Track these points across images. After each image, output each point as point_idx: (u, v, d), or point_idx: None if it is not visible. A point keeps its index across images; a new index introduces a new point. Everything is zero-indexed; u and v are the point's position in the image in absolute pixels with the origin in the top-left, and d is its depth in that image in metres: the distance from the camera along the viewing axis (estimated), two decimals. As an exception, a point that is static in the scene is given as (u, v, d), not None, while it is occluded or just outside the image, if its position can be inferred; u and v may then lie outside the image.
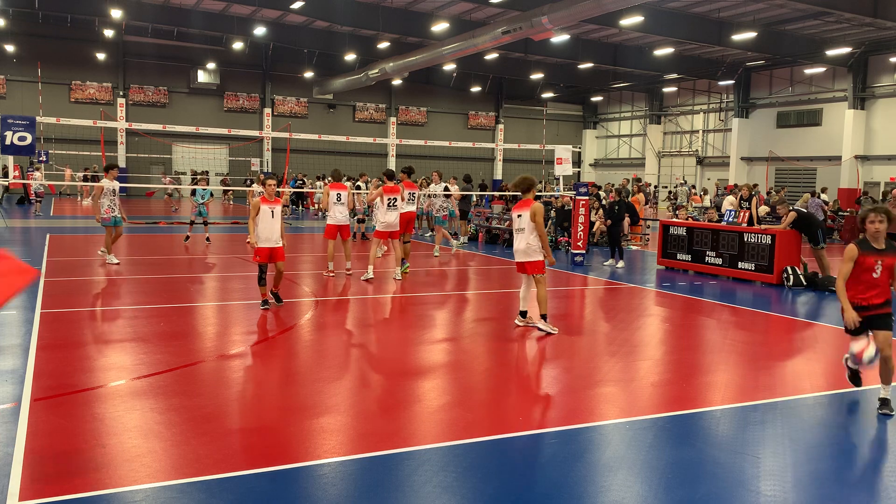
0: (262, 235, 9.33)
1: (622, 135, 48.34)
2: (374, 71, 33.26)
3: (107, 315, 8.76)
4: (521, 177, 8.72)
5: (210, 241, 16.90)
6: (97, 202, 12.85)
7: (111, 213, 12.84)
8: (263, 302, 9.37)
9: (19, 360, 6.56)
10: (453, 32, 28.75)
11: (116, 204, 12.96)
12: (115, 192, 12.99)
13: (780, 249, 12.56)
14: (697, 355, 7.62)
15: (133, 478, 4.14)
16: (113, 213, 12.87)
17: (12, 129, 13.96)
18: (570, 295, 11.87)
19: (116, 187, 13.08)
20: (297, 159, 37.14)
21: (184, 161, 39.25)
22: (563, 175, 19.47)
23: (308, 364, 7.07)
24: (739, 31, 28.15)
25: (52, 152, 31.88)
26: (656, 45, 33.61)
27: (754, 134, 38.68)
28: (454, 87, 44.24)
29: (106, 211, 12.79)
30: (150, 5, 31.04)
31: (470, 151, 41.41)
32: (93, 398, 5.58)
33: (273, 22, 33.21)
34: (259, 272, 9.44)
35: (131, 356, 6.86)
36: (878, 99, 33.00)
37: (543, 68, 39.46)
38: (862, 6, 24.90)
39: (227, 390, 5.96)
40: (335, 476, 4.35)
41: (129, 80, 39.13)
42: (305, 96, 42.81)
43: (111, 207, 12.84)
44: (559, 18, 21.28)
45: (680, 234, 14.34)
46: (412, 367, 6.93)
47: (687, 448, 4.90)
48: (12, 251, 14.65)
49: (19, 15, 33.36)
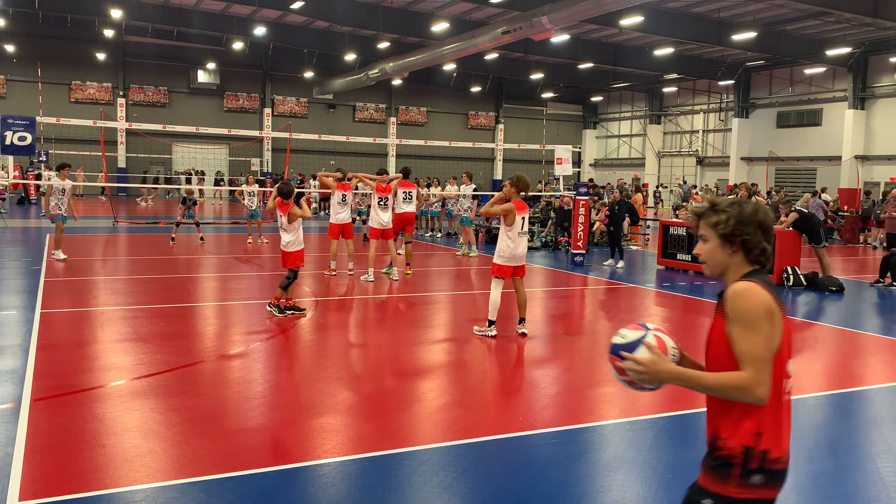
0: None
1: (622, 135, 48.33)
2: (374, 71, 33.25)
3: (107, 315, 8.76)
4: (523, 177, 8.09)
5: (204, 240, 16.91)
6: (48, 200, 13.29)
7: (58, 211, 13.20)
8: (291, 308, 8.94)
9: (19, 360, 6.56)
10: (453, 32, 28.74)
11: (65, 202, 13.31)
12: (63, 192, 13.31)
13: (780, 249, 12.55)
14: (698, 355, 7.60)
15: (133, 478, 4.14)
16: (60, 210, 13.22)
17: (12, 129, 13.94)
18: (570, 295, 11.87)
19: (68, 186, 13.45)
20: (297, 159, 37.11)
21: (184, 161, 39.24)
22: (563, 175, 19.46)
23: (308, 364, 7.07)
24: (739, 31, 28.15)
25: (52, 152, 31.82)
26: (656, 45, 33.61)
27: (754, 134, 38.68)
28: (454, 87, 44.23)
29: (53, 208, 13.18)
30: (150, 5, 31.03)
31: (470, 151, 41.37)
32: (93, 398, 5.57)
33: (273, 22, 33.20)
34: (294, 276, 8.95)
35: (131, 356, 6.85)
36: (878, 99, 33.00)
37: (543, 68, 39.45)
38: (862, 6, 24.89)
39: (227, 390, 5.95)
40: (335, 476, 4.34)
41: (129, 80, 39.12)
42: (305, 96, 42.79)
43: (58, 205, 13.20)
44: (559, 18, 21.27)
45: (680, 234, 14.34)
46: (412, 367, 6.93)
47: (687, 448, 4.89)
48: (12, 251, 14.66)
49: (19, 15, 33.35)
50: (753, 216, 2.33)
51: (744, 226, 2.32)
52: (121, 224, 21.73)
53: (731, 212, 2.34)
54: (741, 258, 2.36)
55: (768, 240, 2.36)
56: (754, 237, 2.33)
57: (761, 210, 2.37)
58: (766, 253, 2.37)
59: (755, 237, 2.33)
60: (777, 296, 2.29)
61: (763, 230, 2.34)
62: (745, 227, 2.32)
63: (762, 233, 2.34)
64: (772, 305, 2.26)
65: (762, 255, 2.35)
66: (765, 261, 2.37)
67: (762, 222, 2.34)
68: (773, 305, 2.26)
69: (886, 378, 6.96)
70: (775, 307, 2.27)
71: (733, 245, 2.34)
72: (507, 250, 7.95)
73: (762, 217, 2.35)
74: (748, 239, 2.32)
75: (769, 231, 2.36)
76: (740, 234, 2.32)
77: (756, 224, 2.33)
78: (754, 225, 2.32)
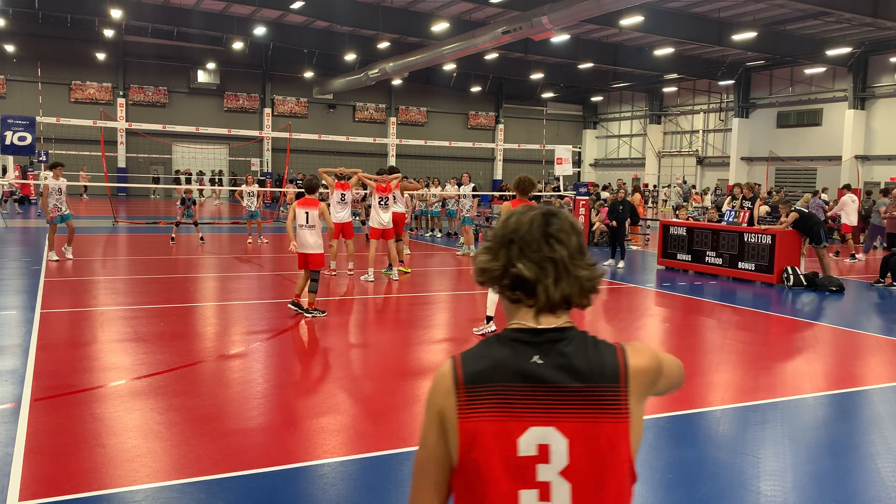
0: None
1: (622, 135, 48.32)
2: (374, 71, 33.25)
3: (106, 315, 8.76)
4: (526, 179, 8.01)
5: (204, 240, 16.91)
6: (46, 201, 13.02)
7: (57, 212, 13.09)
8: (317, 309, 8.92)
9: (19, 360, 6.55)
10: (453, 32, 28.74)
11: (63, 202, 13.23)
12: (61, 191, 13.24)
13: (780, 249, 12.56)
14: (698, 355, 7.61)
15: (133, 478, 4.14)
16: (60, 211, 13.12)
17: (12, 129, 13.96)
18: (570, 295, 11.86)
19: (63, 185, 13.34)
20: (297, 159, 37.10)
21: (184, 161, 39.24)
22: (564, 175, 19.46)
23: (308, 364, 7.07)
24: (739, 31, 28.15)
25: (51, 152, 31.82)
26: (656, 45, 33.61)
27: (754, 134, 38.68)
28: (454, 87, 44.22)
29: (52, 210, 13.00)
30: (150, 5, 31.03)
31: (470, 151, 41.35)
32: (93, 398, 5.57)
33: (273, 22, 33.20)
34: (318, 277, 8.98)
35: (131, 356, 6.85)
36: (878, 99, 32.99)
37: (543, 68, 39.45)
38: (862, 6, 24.89)
39: (227, 390, 5.95)
40: (335, 476, 4.34)
41: (129, 80, 39.12)
42: (305, 96, 42.79)
43: (57, 206, 13.08)
44: (559, 18, 21.28)
45: (680, 234, 14.34)
46: (412, 367, 6.93)
47: (687, 448, 4.89)
48: (12, 251, 14.66)
49: (19, 15, 33.34)
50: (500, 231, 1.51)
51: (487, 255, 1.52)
52: (120, 224, 21.72)
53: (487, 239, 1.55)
54: (506, 303, 1.51)
55: (528, 256, 1.44)
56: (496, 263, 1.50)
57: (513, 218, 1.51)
58: (523, 281, 1.44)
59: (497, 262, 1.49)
60: (484, 379, 1.41)
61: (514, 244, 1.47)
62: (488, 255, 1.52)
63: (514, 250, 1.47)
64: (439, 402, 1.44)
65: (517, 286, 1.45)
66: (525, 296, 1.45)
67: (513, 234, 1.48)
68: (445, 402, 1.42)
69: (886, 378, 6.96)
70: (449, 405, 1.41)
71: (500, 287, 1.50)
72: None
73: (512, 227, 1.49)
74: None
75: (527, 242, 1.45)
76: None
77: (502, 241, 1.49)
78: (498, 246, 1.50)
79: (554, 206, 1.58)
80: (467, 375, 1.41)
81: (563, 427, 1.39)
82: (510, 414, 1.38)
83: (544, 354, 1.42)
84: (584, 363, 1.42)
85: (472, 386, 1.40)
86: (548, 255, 1.43)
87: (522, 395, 1.39)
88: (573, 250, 1.46)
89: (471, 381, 1.41)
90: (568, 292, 1.44)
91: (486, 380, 1.40)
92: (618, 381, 1.44)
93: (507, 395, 1.39)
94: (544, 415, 1.39)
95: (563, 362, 1.41)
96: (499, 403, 1.39)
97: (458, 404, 1.40)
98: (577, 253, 1.47)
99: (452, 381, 1.42)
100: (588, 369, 1.42)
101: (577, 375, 1.41)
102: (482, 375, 1.41)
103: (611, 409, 1.42)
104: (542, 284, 1.43)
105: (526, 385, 1.39)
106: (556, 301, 1.44)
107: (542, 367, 1.40)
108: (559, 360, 1.41)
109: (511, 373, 1.40)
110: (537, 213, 1.48)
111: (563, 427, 1.39)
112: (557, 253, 1.44)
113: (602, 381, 1.42)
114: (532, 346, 1.42)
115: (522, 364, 1.40)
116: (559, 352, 1.42)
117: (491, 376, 1.40)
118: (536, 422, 1.38)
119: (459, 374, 1.42)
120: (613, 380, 1.43)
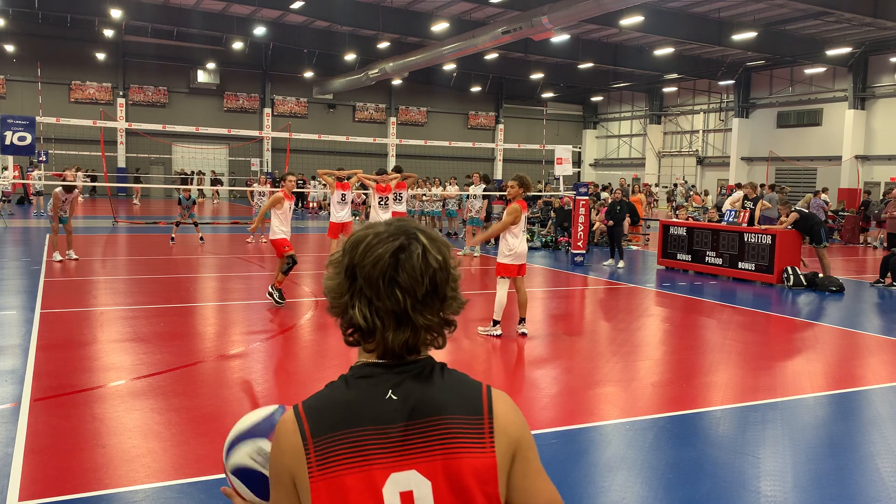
0: (284, 228, 9.51)
1: (622, 135, 48.32)
2: (374, 71, 33.25)
3: (106, 315, 8.76)
4: (525, 177, 8.11)
5: (204, 240, 16.92)
6: (56, 210, 13.12)
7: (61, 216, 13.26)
8: (280, 295, 9.36)
9: (19, 360, 6.56)
10: (453, 32, 28.75)
11: (66, 208, 13.32)
12: (66, 200, 13.32)
13: (780, 250, 12.56)
14: (698, 355, 7.61)
15: (133, 478, 4.14)
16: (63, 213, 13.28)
17: (12, 129, 13.95)
18: (570, 295, 11.87)
19: (74, 194, 13.46)
20: (297, 159, 37.09)
21: (184, 161, 39.25)
22: (564, 175, 19.46)
23: (308, 364, 7.07)
24: (739, 31, 28.15)
25: (51, 152, 31.85)
26: (656, 45, 33.61)
27: (754, 134, 38.67)
28: (454, 87, 44.22)
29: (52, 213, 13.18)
30: (150, 5, 31.02)
31: (470, 151, 41.35)
32: (93, 398, 5.57)
33: (273, 22, 33.19)
34: (291, 262, 9.42)
35: (131, 356, 6.85)
36: (878, 99, 32.98)
37: (543, 68, 39.45)
38: (862, 6, 24.89)
39: (227, 390, 5.95)
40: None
41: (128, 80, 39.11)
42: (305, 96, 42.78)
43: (63, 210, 13.25)
44: (559, 18, 21.28)
45: (680, 234, 14.34)
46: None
47: (687, 448, 4.89)
48: (12, 251, 14.66)
49: (19, 15, 33.33)
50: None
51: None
52: (120, 224, 21.72)
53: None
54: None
55: (378, 295, 1.28)
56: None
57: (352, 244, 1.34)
58: (359, 326, 1.29)
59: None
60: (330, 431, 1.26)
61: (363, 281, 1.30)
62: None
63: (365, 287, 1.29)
64: (287, 464, 1.27)
65: (355, 329, 1.31)
66: (363, 340, 1.32)
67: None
68: (294, 463, 1.26)
69: (886, 378, 6.96)
70: (299, 466, 1.25)
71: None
72: (514, 248, 7.97)
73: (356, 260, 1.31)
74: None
75: (373, 283, 1.28)
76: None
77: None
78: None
79: (423, 229, 1.34)
80: (315, 427, 1.26)
81: (422, 468, 1.25)
82: (369, 462, 1.24)
83: (396, 388, 1.28)
84: (440, 393, 1.30)
85: (322, 438, 1.25)
86: (389, 307, 1.27)
87: (377, 438, 1.25)
88: (423, 296, 1.28)
89: (320, 432, 1.25)
90: (412, 342, 1.30)
91: (337, 427, 1.25)
92: (480, 413, 1.31)
93: (362, 441, 1.25)
94: (402, 457, 1.25)
95: (417, 396, 1.28)
96: (355, 453, 1.24)
97: (309, 462, 1.24)
98: (428, 298, 1.29)
99: (300, 437, 1.26)
100: (443, 401, 1.29)
101: (432, 408, 1.28)
102: (332, 424, 1.26)
103: (472, 442, 1.28)
104: (380, 334, 1.29)
105: (378, 427, 1.26)
106: (396, 350, 1.30)
107: (396, 402, 1.27)
108: (414, 394, 1.28)
109: (362, 416, 1.26)
110: (387, 251, 1.28)
111: (423, 468, 1.25)
112: (400, 304, 1.27)
113: (460, 412, 1.29)
114: (383, 382, 1.29)
115: (373, 404, 1.27)
116: (412, 385, 1.29)
117: (342, 422, 1.26)
118: (396, 466, 1.25)
119: (306, 427, 1.26)
120: (474, 412, 1.30)
